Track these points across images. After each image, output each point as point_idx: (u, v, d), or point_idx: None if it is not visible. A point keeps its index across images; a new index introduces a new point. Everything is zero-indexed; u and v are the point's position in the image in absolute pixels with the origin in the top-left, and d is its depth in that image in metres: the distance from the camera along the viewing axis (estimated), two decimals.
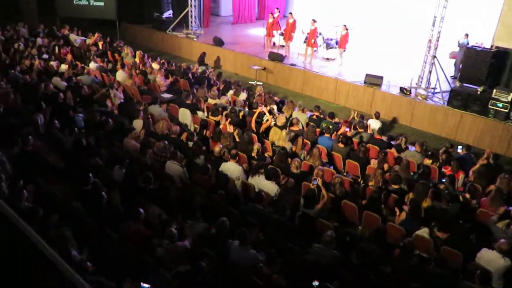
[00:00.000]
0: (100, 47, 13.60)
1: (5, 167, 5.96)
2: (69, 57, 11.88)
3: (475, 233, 5.96)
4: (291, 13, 14.56)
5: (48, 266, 1.96)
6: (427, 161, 7.84)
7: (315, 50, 14.22)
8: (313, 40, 13.63)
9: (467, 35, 12.36)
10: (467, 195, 6.62)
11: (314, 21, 13.45)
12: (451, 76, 12.42)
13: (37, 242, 2.02)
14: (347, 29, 13.01)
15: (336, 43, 14.13)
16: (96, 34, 14.15)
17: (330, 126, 8.63)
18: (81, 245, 4.37)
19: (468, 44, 12.10)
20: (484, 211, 6.32)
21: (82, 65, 11.42)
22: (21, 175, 5.61)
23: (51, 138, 6.88)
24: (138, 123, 7.82)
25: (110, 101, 8.75)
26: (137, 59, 12.61)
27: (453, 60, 13.11)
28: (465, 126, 10.52)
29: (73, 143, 6.59)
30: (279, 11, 15.29)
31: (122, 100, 9.27)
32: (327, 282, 4.17)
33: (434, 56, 11.36)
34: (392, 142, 8.71)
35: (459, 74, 10.98)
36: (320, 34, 14.33)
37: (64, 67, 10.89)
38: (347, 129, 8.81)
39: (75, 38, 14.15)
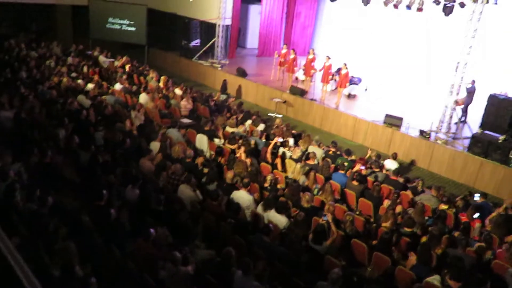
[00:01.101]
0: (127, 69, 14.01)
1: (21, 177, 6.12)
2: (96, 77, 12.26)
3: (489, 284, 5.72)
4: (312, 49, 14.72)
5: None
6: (443, 207, 7.66)
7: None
8: (330, 77, 13.61)
9: (474, 81, 12.31)
10: (483, 245, 6.41)
11: (328, 57, 13.52)
12: (459, 119, 12.33)
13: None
14: (347, 68, 12.99)
15: (359, 80, 14.20)
16: (125, 57, 14.62)
17: (346, 163, 8.57)
18: (85, 260, 4.38)
19: (474, 89, 12.06)
20: (500, 263, 6.08)
21: (108, 85, 11.76)
22: (37, 186, 5.74)
23: (70, 153, 7.03)
24: (155, 145, 7.93)
25: (130, 122, 8.92)
26: (161, 84, 12.93)
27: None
28: (485, 173, 10.31)
29: (90, 159, 6.72)
30: (295, 53, 14.95)
31: (142, 122, 9.45)
32: None
33: (456, 101, 11.30)
34: (408, 184, 8.58)
35: (480, 122, 10.86)
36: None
37: (90, 86, 11.24)
38: (363, 167, 8.73)
39: (104, 60, 14.66)
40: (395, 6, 11.82)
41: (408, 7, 11.52)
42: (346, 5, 16.09)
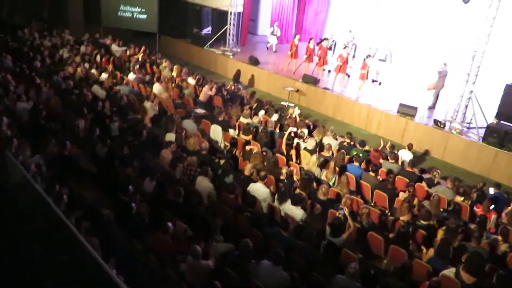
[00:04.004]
0: (140, 59, 14.01)
1: (41, 169, 6.21)
2: (111, 66, 12.29)
3: (505, 279, 5.73)
4: (326, 39, 14.63)
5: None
6: (458, 199, 7.64)
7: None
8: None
9: (445, 64, 12.12)
10: (499, 238, 6.40)
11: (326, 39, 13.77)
12: (428, 107, 12.38)
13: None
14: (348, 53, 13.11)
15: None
16: (143, 48, 14.58)
17: (360, 154, 8.55)
18: (107, 255, 4.46)
19: (446, 73, 11.99)
20: None
21: (121, 75, 11.80)
22: (56, 178, 5.83)
23: (88, 144, 7.11)
24: (171, 137, 7.97)
25: (145, 113, 8.97)
26: (174, 73, 12.93)
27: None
28: (500, 164, 10.22)
29: (107, 151, 6.79)
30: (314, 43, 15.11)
31: (156, 113, 9.50)
32: None
33: (472, 91, 11.16)
34: (423, 176, 8.55)
35: (496, 112, 10.71)
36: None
37: (104, 76, 11.28)
38: (381, 161, 8.71)
39: (117, 49, 14.67)
40: None
41: None
42: None
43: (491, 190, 8.43)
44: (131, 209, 5.26)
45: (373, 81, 14.36)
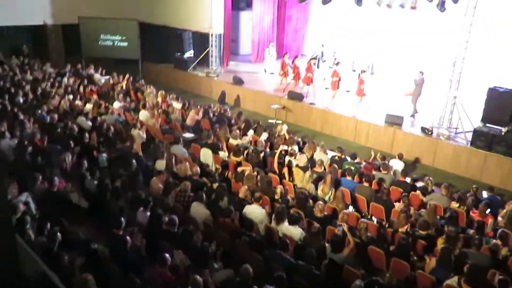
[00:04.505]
0: (124, 86, 13.93)
1: (30, 208, 6.04)
2: (95, 96, 12.18)
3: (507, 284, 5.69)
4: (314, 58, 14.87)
5: None
6: (454, 205, 7.64)
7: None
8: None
9: (422, 72, 12.35)
10: (498, 242, 6.38)
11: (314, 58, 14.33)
12: (410, 115, 12.55)
13: None
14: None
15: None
16: (127, 75, 14.50)
17: (352, 168, 8.54)
18: None
19: (423, 81, 12.19)
20: None
21: (106, 104, 11.69)
22: (47, 216, 5.66)
23: (77, 178, 6.96)
24: (161, 164, 7.86)
25: (133, 141, 8.85)
26: (159, 99, 12.86)
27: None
28: (490, 167, 10.32)
29: (98, 184, 6.65)
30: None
31: (144, 140, 9.39)
32: None
33: (455, 97, 11.32)
34: (417, 184, 8.56)
35: (482, 115, 10.86)
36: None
37: (89, 106, 11.16)
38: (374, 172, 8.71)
39: (99, 78, 14.59)
40: (389, 6, 11.82)
41: (402, 5, 11.53)
42: (338, 6, 16.01)
43: (484, 194, 8.48)
44: (126, 243, 5.11)
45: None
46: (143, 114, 10.96)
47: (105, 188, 6.44)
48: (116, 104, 11.73)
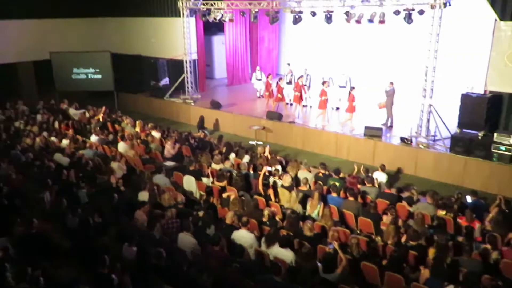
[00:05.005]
0: (101, 119, 13.73)
1: (8, 253, 5.77)
2: (71, 131, 11.94)
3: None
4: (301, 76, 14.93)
5: None
6: (440, 213, 7.67)
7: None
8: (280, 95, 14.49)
9: (392, 83, 12.68)
10: (488, 246, 6.41)
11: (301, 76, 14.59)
12: (382, 124, 12.77)
13: None
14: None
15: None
16: (103, 108, 14.29)
17: (337, 184, 8.53)
18: None
19: (394, 91, 12.49)
20: (508, 261, 6.09)
21: (83, 138, 11.47)
22: (27, 260, 5.41)
23: (57, 217, 6.72)
24: (144, 196, 7.68)
25: (113, 175, 8.66)
26: (137, 129, 12.70)
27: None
28: (470, 171, 10.47)
29: (80, 221, 6.42)
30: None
31: (125, 172, 9.20)
32: None
33: (430, 105, 11.54)
34: (402, 195, 8.59)
35: (457, 121, 11.10)
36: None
37: (65, 142, 10.91)
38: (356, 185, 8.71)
39: (74, 112, 14.35)
40: (358, 22, 12.07)
41: (370, 20, 11.78)
42: (309, 24, 16.30)
43: (469, 199, 8.56)
44: (112, 281, 4.91)
45: (337, 108, 14.67)
46: (122, 146, 10.78)
47: (87, 225, 6.22)
48: (94, 138, 11.53)
